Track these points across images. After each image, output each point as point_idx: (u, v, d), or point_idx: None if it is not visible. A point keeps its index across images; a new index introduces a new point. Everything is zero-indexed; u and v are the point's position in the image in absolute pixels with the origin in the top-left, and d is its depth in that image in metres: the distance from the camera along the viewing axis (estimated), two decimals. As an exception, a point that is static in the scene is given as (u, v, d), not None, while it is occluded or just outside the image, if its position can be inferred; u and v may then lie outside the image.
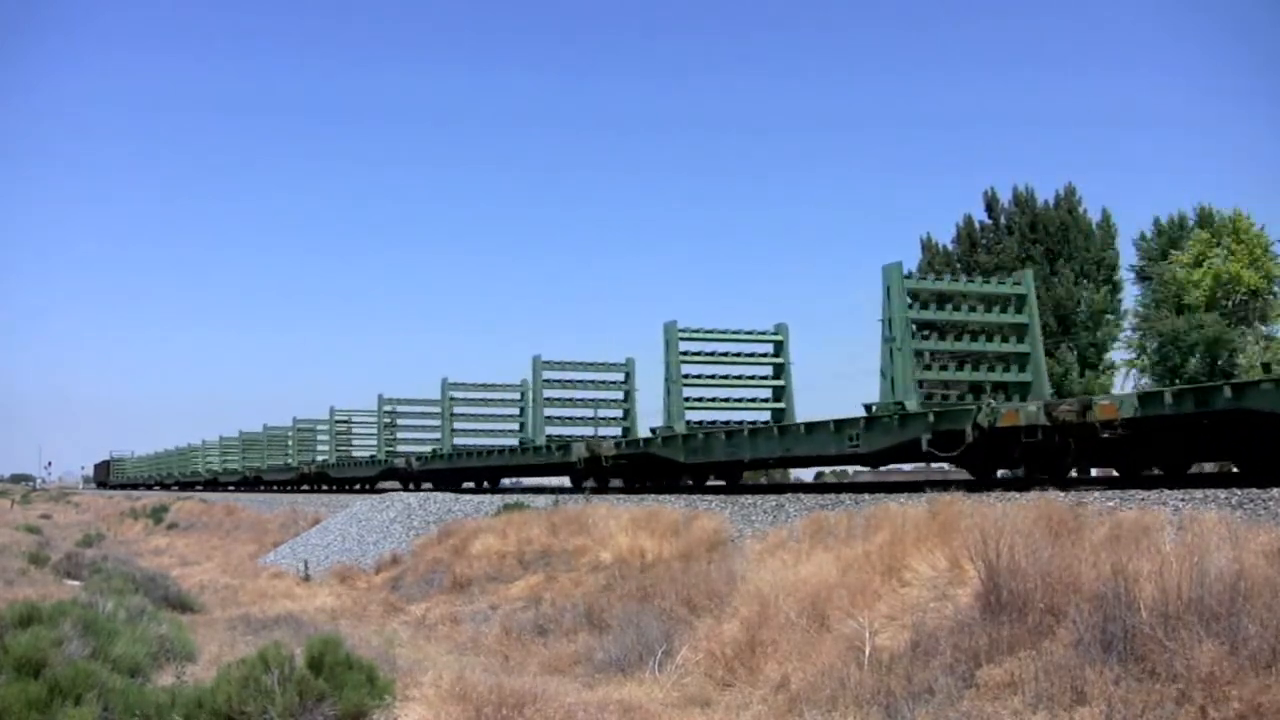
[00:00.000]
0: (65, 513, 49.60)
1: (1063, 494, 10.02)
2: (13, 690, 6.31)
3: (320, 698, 6.72)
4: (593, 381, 24.83)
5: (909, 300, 14.88)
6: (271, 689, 6.59)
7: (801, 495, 14.01)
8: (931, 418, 13.00)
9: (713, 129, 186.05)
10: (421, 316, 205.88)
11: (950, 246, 40.29)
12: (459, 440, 29.46)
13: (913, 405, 13.99)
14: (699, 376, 19.82)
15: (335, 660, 7.05)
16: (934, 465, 31.62)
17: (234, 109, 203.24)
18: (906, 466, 32.29)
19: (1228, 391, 10.24)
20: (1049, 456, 12.43)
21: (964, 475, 15.49)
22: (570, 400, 24.62)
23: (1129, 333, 35.73)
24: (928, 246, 40.75)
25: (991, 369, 15.94)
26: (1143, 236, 37.10)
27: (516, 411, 29.88)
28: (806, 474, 37.37)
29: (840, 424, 14.55)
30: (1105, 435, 11.13)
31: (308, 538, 22.98)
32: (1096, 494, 10.03)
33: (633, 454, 19.54)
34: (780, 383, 19.77)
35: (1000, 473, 14.73)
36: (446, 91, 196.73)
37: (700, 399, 19.76)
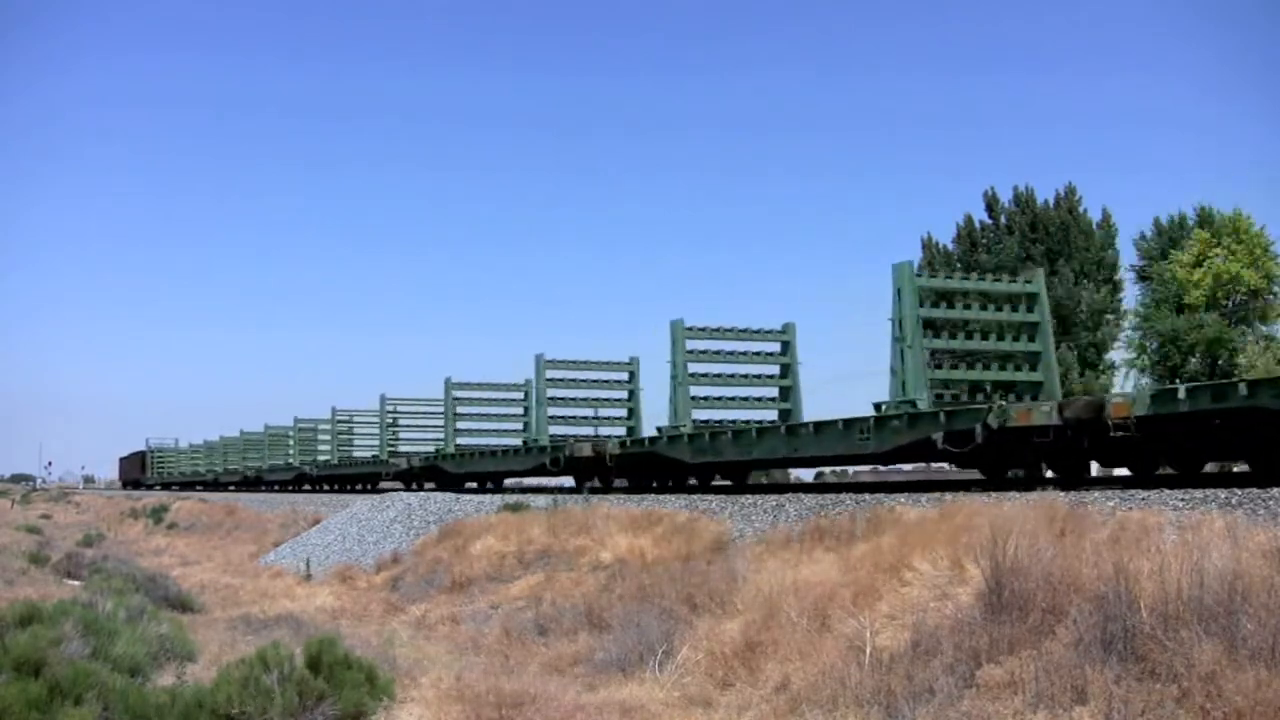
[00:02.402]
0: (65, 513, 49.55)
1: (1063, 494, 10.03)
2: (13, 690, 6.31)
3: (320, 698, 6.72)
4: (597, 380, 24.46)
5: (918, 299, 14.75)
6: (271, 689, 6.60)
7: (802, 495, 14.01)
8: (943, 417, 12.97)
9: (712, 128, 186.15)
10: (423, 316, 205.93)
11: (951, 246, 40.36)
12: (463, 440, 29.07)
13: (924, 404, 13.93)
14: (706, 375, 19.63)
15: (335, 660, 7.06)
16: (934, 466, 31.66)
17: (234, 109, 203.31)
18: (906, 466, 32.32)
19: (1243, 389, 10.17)
20: (1061, 456, 12.33)
21: (963, 475, 15.49)
22: (574, 400, 24.24)
23: (1129, 333, 35.78)
24: (928, 246, 40.81)
25: (1002, 368, 15.80)
26: (1143, 236, 37.17)
27: (521, 411, 29.44)
28: (807, 474, 37.28)
29: (849, 423, 14.46)
30: (1118, 434, 11.06)
31: (308, 538, 22.99)
32: (1097, 494, 10.04)
33: (638, 453, 19.30)
34: (787, 382, 19.58)
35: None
36: (448, 91, 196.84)
37: (707, 398, 19.58)
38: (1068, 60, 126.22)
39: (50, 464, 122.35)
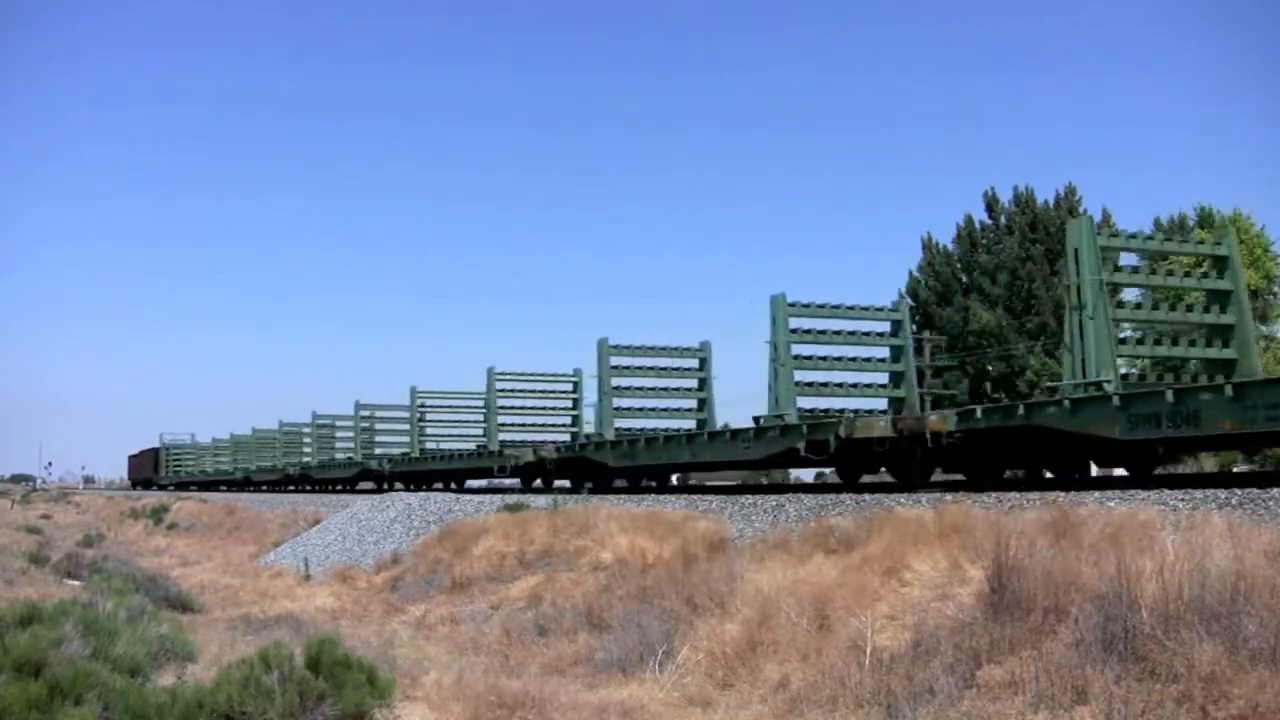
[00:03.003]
0: (65, 513, 49.50)
1: (1063, 494, 10.03)
2: (13, 690, 6.30)
3: (321, 698, 6.71)
4: (850, 333, 17.73)
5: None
6: (272, 689, 6.59)
7: (802, 495, 14.01)
8: None
9: (712, 128, 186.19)
10: (424, 316, 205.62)
11: (951, 246, 40.38)
12: (621, 423, 22.14)
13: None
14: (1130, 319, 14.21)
15: (335, 660, 7.05)
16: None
17: (234, 109, 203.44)
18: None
19: None
20: None
21: (963, 476, 15.41)
22: (822, 360, 17.54)
23: (1129, 333, 35.77)
24: (928, 246, 40.82)
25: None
26: (1143, 237, 37.15)
27: (696, 384, 23.17)
28: (806, 474, 36.83)
29: None
30: None
31: (308, 538, 22.97)
32: (1097, 494, 10.04)
33: (1002, 429, 12.91)
34: (1230, 319, 14.73)
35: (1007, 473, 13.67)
36: (448, 91, 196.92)
37: (1141, 342, 14.13)
38: (1068, 60, 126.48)
39: (50, 464, 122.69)
